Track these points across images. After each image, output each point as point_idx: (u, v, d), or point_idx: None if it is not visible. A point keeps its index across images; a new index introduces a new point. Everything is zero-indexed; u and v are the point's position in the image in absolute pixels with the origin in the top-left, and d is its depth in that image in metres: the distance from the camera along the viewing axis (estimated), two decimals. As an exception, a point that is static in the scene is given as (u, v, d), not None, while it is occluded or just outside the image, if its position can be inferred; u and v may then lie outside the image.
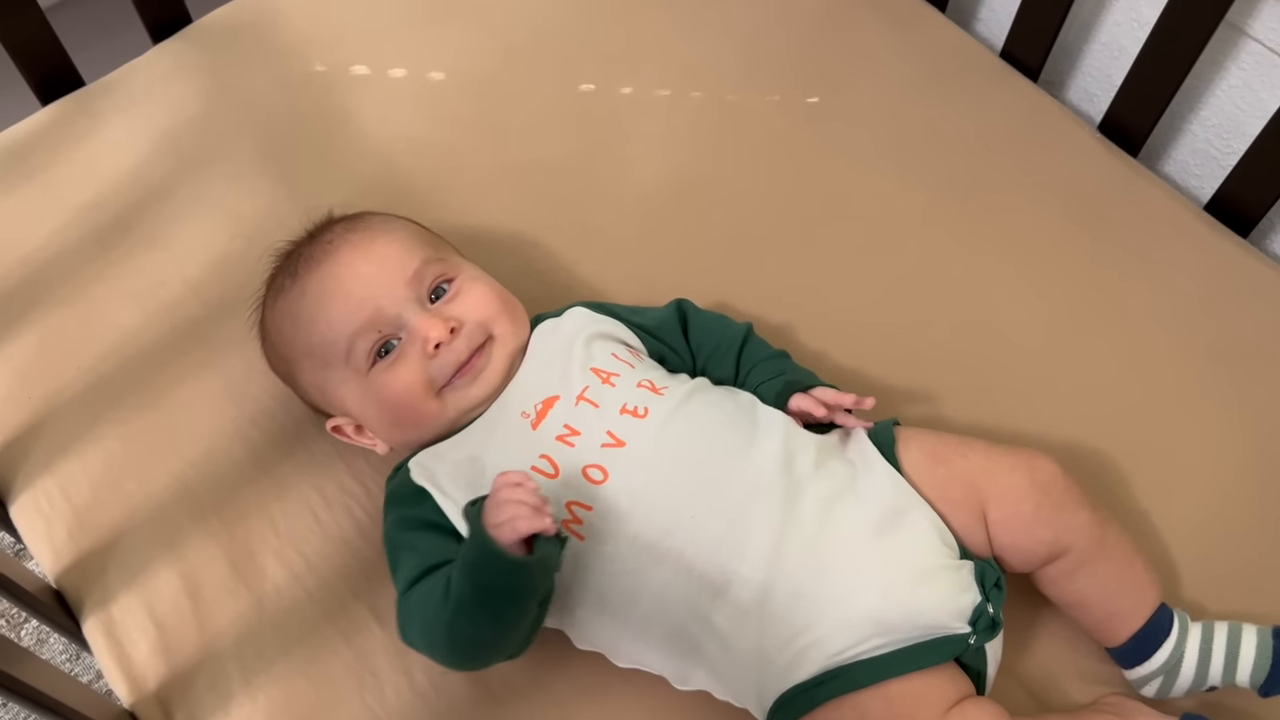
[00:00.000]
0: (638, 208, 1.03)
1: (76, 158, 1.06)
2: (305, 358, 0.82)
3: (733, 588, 0.72)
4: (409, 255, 0.82)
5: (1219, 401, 0.92)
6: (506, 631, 0.71)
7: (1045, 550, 0.76)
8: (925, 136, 1.08)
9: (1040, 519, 0.76)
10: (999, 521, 0.77)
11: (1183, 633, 0.77)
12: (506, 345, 0.81)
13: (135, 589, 0.84)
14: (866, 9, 1.17)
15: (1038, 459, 0.78)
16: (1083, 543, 0.76)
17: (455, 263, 0.85)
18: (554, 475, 0.75)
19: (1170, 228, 1.02)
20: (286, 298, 0.83)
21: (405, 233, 0.85)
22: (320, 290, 0.81)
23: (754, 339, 0.87)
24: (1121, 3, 1.09)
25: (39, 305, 0.97)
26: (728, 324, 0.88)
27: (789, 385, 0.81)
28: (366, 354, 0.79)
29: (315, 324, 0.81)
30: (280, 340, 0.84)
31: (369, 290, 0.80)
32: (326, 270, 0.81)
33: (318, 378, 0.83)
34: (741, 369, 0.85)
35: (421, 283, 0.81)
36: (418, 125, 1.08)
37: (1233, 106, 1.05)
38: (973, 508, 0.77)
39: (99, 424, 0.91)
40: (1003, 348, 0.95)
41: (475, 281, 0.83)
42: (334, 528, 0.86)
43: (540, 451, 0.76)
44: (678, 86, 1.11)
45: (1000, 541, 0.77)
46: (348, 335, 0.79)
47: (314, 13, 1.16)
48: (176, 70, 1.12)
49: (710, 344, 0.87)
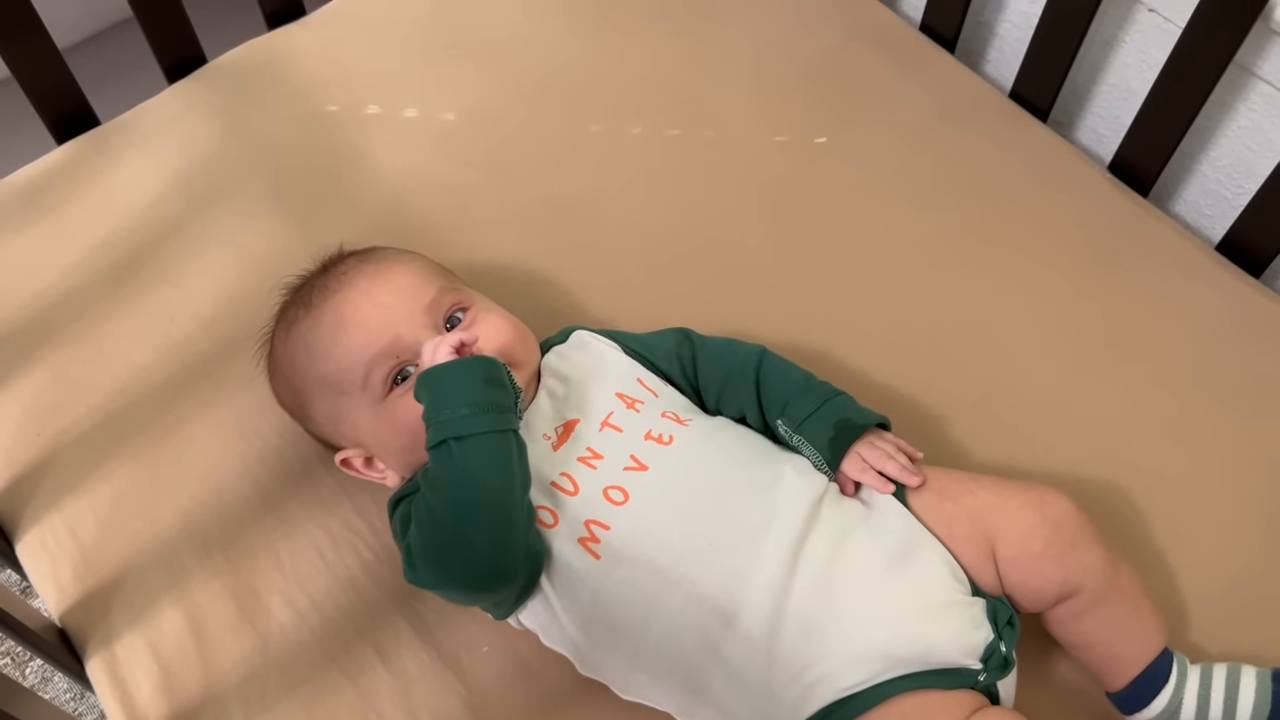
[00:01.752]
0: (647, 246, 1.03)
1: (90, 196, 1.06)
2: (319, 387, 0.82)
3: (743, 618, 0.72)
4: (425, 284, 0.83)
5: (1231, 442, 0.91)
6: (496, 475, 0.73)
7: (1056, 590, 0.75)
8: (935, 177, 1.08)
9: (1050, 556, 0.75)
10: (1008, 559, 0.76)
11: (1181, 677, 0.76)
12: (523, 372, 0.82)
13: (140, 628, 0.84)
14: (875, 50, 1.17)
15: (1050, 495, 0.77)
16: (1094, 583, 0.75)
17: (469, 293, 0.86)
18: (574, 493, 0.75)
19: (1182, 268, 1.01)
20: (300, 327, 0.83)
21: (420, 263, 0.86)
22: (337, 318, 0.81)
23: (769, 360, 0.85)
24: (1130, 45, 1.09)
25: (50, 342, 0.97)
26: (737, 348, 0.86)
27: (841, 429, 0.80)
28: (383, 380, 0.80)
29: (332, 351, 0.81)
30: (292, 371, 0.84)
31: (388, 318, 0.80)
32: (343, 298, 0.82)
33: (331, 407, 0.82)
34: (766, 400, 0.83)
35: (438, 311, 0.82)
36: (429, 165, 1.09)
37: (1243, 147, 1.05)
38: (980, 544, 0.76)
39: (107, 461, 0.91)
40: (1014, 388, 0.94)
41: (489, 311, 0.84)
42: (340, 567, 0.86)
43: (561, 470, 0.77)
44: (687, 127, 1.11)
45: (1010, 579, 0.76)
46: (365, 362, 0.79)
47: (327, 54, 1.17)
48: (190, 110, 1.13)
49: (722, 372, 0.85)
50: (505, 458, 0.73)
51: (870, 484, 0.78)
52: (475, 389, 0.73)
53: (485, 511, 0.72)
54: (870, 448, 0.79)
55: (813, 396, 0.82)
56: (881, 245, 1.03)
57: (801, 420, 0.80)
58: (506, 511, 0.72)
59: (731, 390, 0.84)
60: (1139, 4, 1.06)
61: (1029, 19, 1.15)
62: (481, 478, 0.72)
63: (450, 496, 0.72)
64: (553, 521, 0.75)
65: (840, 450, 0.79)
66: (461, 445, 0.72)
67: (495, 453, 0.73)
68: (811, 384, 0.83)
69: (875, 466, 0.78)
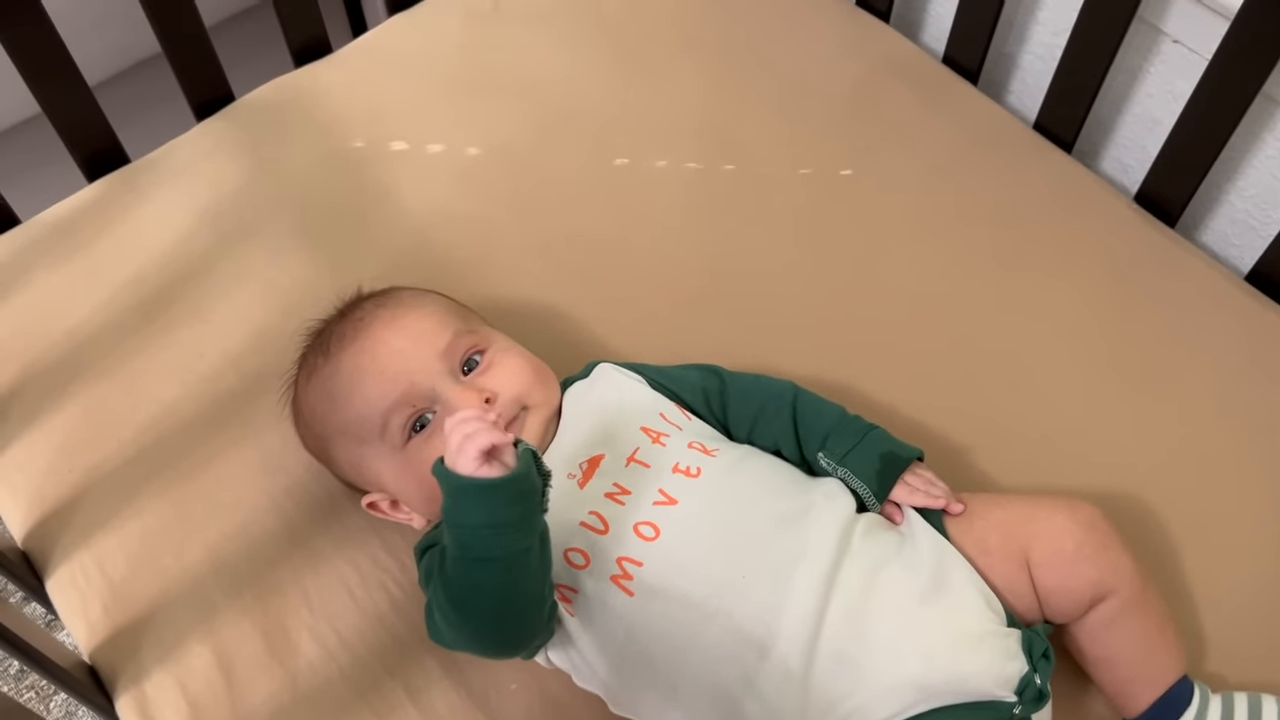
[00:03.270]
0: (671, 280, 1.03)
1: (120, 233, 1.08)
2: (340, 435, 0.83)
3: (777, 649, 0.71)
4: (441, 328, 0.83)
5: (1258, 473, 0.91)
6: (514, 584, 0.69)
7: (1090, 590, 0.75)
8: (960, 208, 1.08)
9: (1083, 556, 0.76)
10: (1042, 563, 0.76)
11: (1203, 705, 0.76)
12: (541, 413, 0.82)
13: (169, 665, 0.84)
14: (898, 83, 1.18)
15: (1078, 502, 0.79)
16: (1127, 588, 0.75)
17: (486, 334, 0.85)
18: (604, 531, 0.75)
19: (1210, 298, 1.01)
20: (320, 376, 0.83)
21: (436, 306, 0.86)
22: (354, 367, 0.81)
23: (804, 396, 0.86)
24: (1155, 75, 1.09)
25: (81, 377, 0.98)
26: (770, 383, 0.87)
27: (887, 463, 0.80)
28: (402, 428, 0.80)
29: (351, 401, 0.81)
30: (314, 419, 0.84)
31: (403, 365, 0.80)
32: (359, 347, 0.82)
33: (353, 455, 0.83)
34: (804, 432, 0.83)
35: (454, 355, 0.82)
36: (454, 200, 1.09)
37: (1270, 177, 1.05)
38: (1013, 554, 0.76)
39: (137, 497, 0.91)
40: (1040, 418, 0.94)
41: (507, 352, 0.84)
42: (368, 603, 0.86)
43: (590, 508, 0.76)
44: (710, 160, 1.12)
45: (1045, 584, 0.76)
46: (383, 411, 0.79)
47: (353, 91, 1.18)
48: (218, 147, 1.14)
49: (755, 406, 0.85)
50: (524, 571, 0.69)
51: (922, 504, 0.80)
52: (496, 509, 0.66)
53: (502, 614, 0.70)
54: (916, 477, 0.81)
55: (852, 430, 0.83)
56: (906, 276, 1.03)
57: (845, 453, 0.81)
58: (523, 614, 0.71)
59: (765, 424, 0.84)
60: (1163, 35, 1.06)
61: (1052, 50, 1.15)
62: (498, 591, 0.69)
63: (466, 598, 0.70)
64: (584, 563, 0.75)
65: (889, 481, 0.80)
66: (480, 564, 0.68)
67: (514, 569, 0.68)
68: (847, 419, 0.84)
69: (918, 503, 0.80)
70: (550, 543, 0.71)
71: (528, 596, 0.70)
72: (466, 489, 0.66)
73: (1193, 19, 1.02)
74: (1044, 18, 1.17)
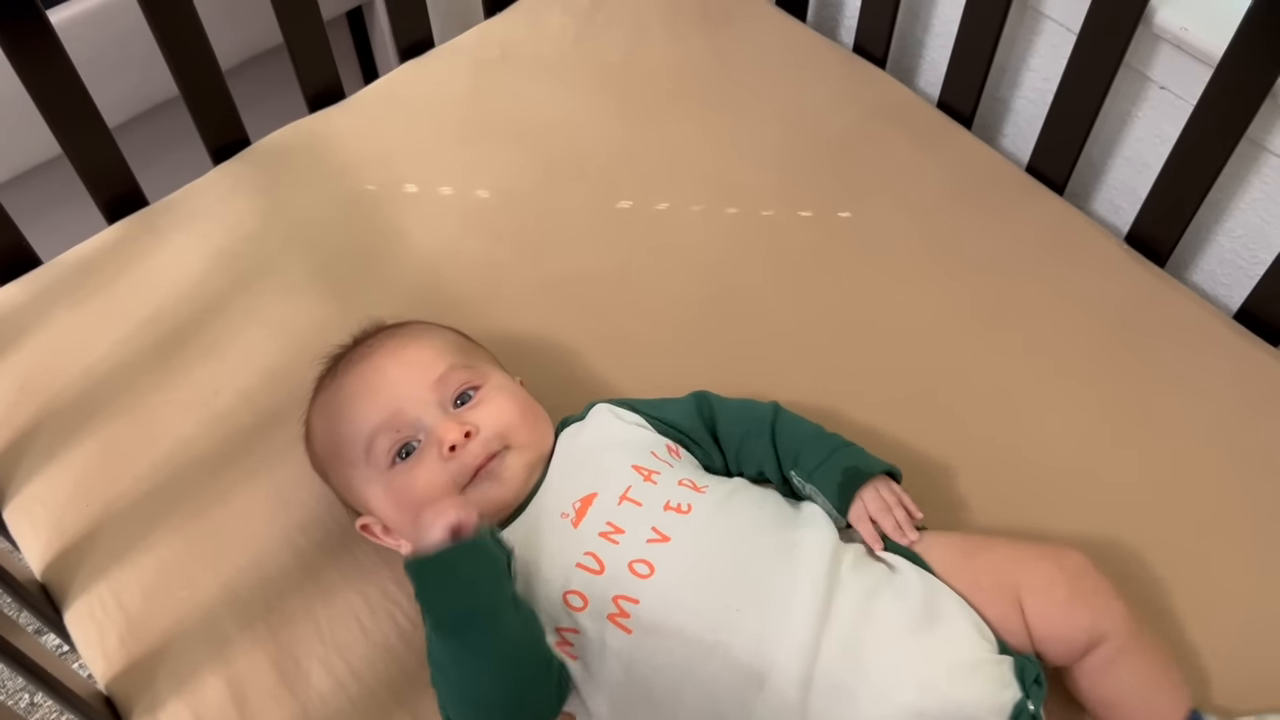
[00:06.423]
0: (673, 318, 1.06)
1: (139, 274, 1.10)
2: (335, 456, 0.86)
3: (774, 680, 0.73)
4: (436, 360, 0.85)
5: (1252, 511, 0.92)
6: (497, 662, 0.72)
7: (1085, 636, 0.77)
8: (956, 248, 1.10)
9: (1076, 602, 0.77)
10: (1035, 612, 0.77)
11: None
12: (525, 455, 0.83)
13: (183, 696, 0.86)
14: (894, 127, 1.21)
15: (1064, 549, 0.80)
16: (1122, 630, 0.76)
17: (484, 371, 0.87)
18: (600, 571, 0.77)
19: (1200, 337, 1.03)
20: (324, 396, 0.87)
21: (439, 340, 0.88)
22: (352, 390, 0.85)
23: (784, 416, 0.88)
24: (1143, 120, 1.12)
25: (99, 414, 1.00)
26: (753, 407, 0.90)
27: (849, 475, 0.82)
28: (386, 452, 0.82)
29: (343, 421, 0.84)
30: (316, 439, 0.88)
31: (392, 391, 0.83)
32: (360, 370, 0.85)
33: (344, 476, 0.86)
34: (781, 452, 0.86)
35: (445, 388, 0.84)
36: (464, 241, 1.12)
37: (1257, 218, 1.07)
38: (1005, 595, 0.78)
39: (153, 531, 0.93)
40: (1032, 457, 0.96)
41: (499, 391, 0.86)
42: (378, 634, 0.88)
43: (585, 549, 0.78)
44: (712, 203, 1.15)
45: (1039, 632, 0.77)
46: (367, 433, 0.82)
47: (366, 135, 1.22)
48: (234, 190, 1.17)
49: (740, 430, 0.88)
50: (494, 649, 0.72)
51: (864, 535, 0.81)
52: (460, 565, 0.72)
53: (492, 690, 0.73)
54: (875, 495, 0.82)
55: (824, 446, 0.85)
56: (904, 315, 1.06)
57: (813, 469, 0.83)
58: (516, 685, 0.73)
59: (749, 447, 0.87)
60: (1150, 81, 1.09)
61: (1044, 95, 1.19)
62: (475, 671, 0.73)
63: (452, 674, 0.74)
64: (582, 605, 0.76)
65: (848, 496, 0.82)
66: (450, 643, 0.73)
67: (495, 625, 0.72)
68: (823, 435, 0.86)
69: (874, 517, 0.81)
70: (534, 619, 0.75)
71: (520, 661, 0.73)
72: (433, 563, 0.71)
73: (1178, 66, 1.05)
74: (1036, 64, 1.20)
